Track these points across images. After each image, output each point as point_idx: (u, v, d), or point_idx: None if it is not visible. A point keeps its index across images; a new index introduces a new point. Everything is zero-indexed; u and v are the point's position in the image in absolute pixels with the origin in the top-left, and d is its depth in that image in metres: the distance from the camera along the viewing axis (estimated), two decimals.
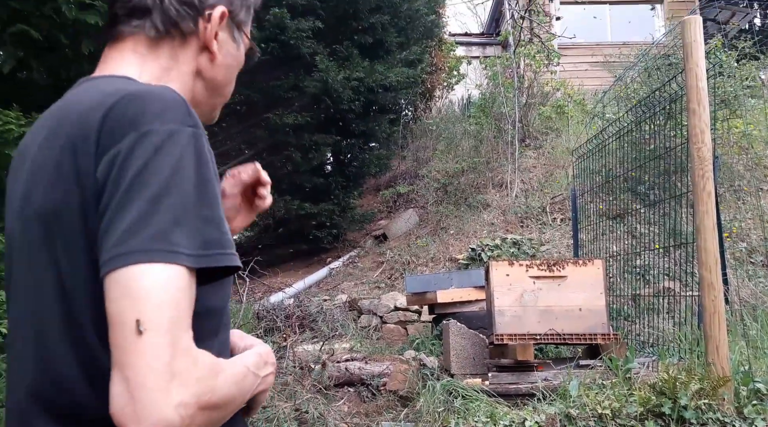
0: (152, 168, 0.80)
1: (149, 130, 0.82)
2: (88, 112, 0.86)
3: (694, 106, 3.43)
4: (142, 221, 0.78)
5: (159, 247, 0.77)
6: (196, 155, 0.84)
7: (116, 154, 0.81)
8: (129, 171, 0.80)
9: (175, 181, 0.80)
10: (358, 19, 8.61)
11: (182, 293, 0.78)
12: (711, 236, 3.33)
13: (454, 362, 4.69)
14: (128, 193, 0.79)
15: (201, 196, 0.83)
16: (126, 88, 0.88)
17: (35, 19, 2.63)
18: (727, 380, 3.15)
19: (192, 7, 1.02)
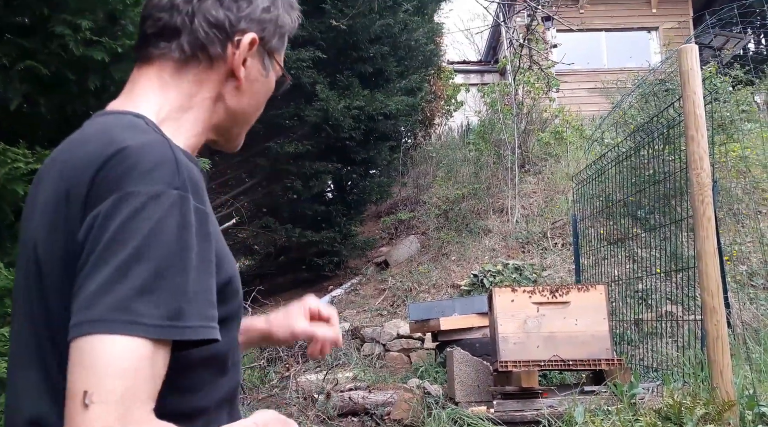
0: (127, 231, 0.78)
1: (131, 192, 0.80)
2: (86, 162, 0.86)
3: (693, 132, 3.48)
4: (106, 289, 0.76)
5: (117, 317, 0.74)
6: (178, 219, 0.81)
7: (96, 215, 0.80)
8: (105, 233, 0.78)
9: (149, 247, 0.78)
10: (358, 50, 8.72)
11: (141, 363, 0.75)
12: (712, 261, 3.36)
13: (458, 390, 4.68)
14: (100, 256, 0.78)
15: (177, 262, 0.79)
16: (125, 140, 0.86)
17: (42, 56, 2.68)
18: (732, 404, 3.15)
19: (222, 30, 1.00)
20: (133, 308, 0.75)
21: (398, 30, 9.19)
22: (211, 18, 1.00)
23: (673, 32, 14.30)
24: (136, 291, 0.76)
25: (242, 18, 1.02)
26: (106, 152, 0.85)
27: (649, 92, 8.13)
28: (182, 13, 0.99)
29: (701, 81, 3.59)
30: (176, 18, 0.99)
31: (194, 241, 0.82)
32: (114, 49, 2.57)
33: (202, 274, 0.83)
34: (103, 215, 0.80)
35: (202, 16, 0.99)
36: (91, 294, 0.76)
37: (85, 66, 2.68)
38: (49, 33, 2.58)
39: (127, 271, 0.76)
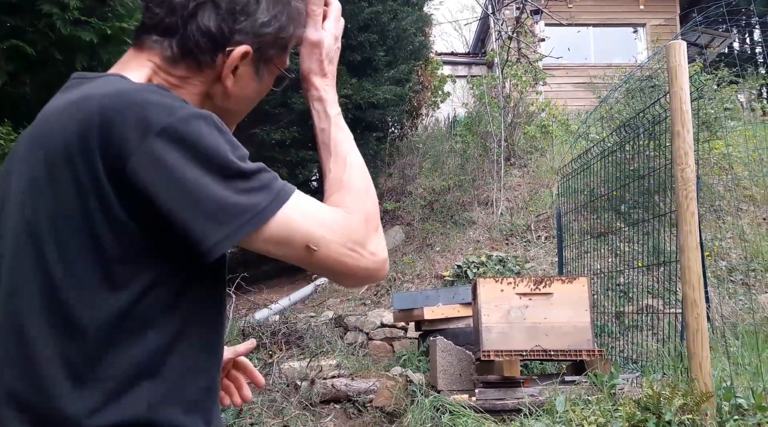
0: (194, 162, 0.87)
1: (165, 126, 0.86)
2: (87, 115, 0.87)
3: (678, 128, 3.51)
4: (227, 200, 0.88)
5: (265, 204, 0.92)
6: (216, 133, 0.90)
7: (142, 162, 0.85)
8: (176, 173, 0.86)
9: (218, 160, 0.88)
10: (347, 37, 8.68)
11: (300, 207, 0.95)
12: (694, 255, 3.41)
13: (440, 379, 4.71)
14: (188, 192, 0.86)
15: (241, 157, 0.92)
16: (119, 88, 0.91)
17: (30, 34, 2.65)
18: (710, 395, 3.20)
19: (213, 40, 1.00)
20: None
21: (387, 19, 9.16)
22: (204, 27, 0.99)
23: (660, 29, 14.40)
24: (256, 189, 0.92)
25: (237, 31, 1.01)
26: (106, 102, 0.88)
27: (636, 88, 8.18)
28: (177, 15, 0.99)
29: (688, 77, 3.62)
30: (171, 18, 1.00)
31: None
32: (103, 31, 2.55)
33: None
34: (153, 157, 0.85)
35: (196, 24, 0.99)
36: (217, 210, 0.88)
37: (73, 46, 2.65)
38: (36, 11, 2.55)
39: (226, 184, 0.89)
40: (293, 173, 8.74)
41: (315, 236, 0.93)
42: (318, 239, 0.93)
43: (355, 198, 1.02)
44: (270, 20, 1.03)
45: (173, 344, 0.91)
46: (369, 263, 0.97)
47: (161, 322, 0.90)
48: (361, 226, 0.98)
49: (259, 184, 0.91)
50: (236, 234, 0.88)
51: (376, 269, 0.99)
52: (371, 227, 1.00)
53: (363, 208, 1.00)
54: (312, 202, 0.96)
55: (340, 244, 0.95)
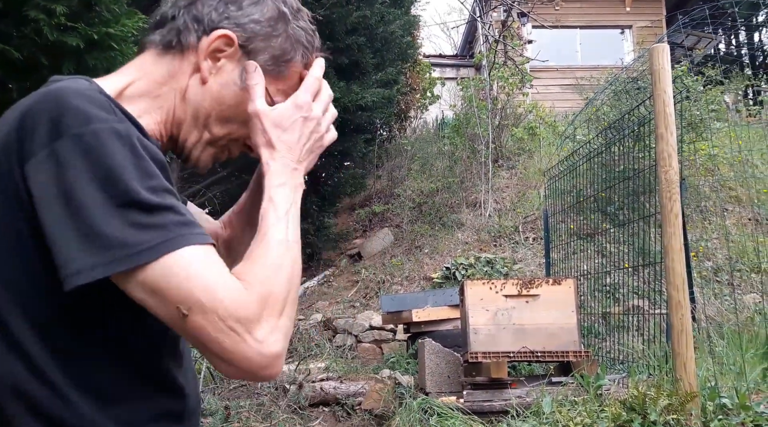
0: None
1: (75, 133, 0.81)
2: (17, 115, 0.87)
3: (662, 130, 3.55)
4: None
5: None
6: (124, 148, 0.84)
7: (44, 163, 0.81)
8: (62, 180, 0.81)
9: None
10: (335, 40, 8.70)
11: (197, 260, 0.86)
12: (678, 257, 3.44)
13: (429, 381, 4.73)
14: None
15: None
16: (54, 89, 0.86)
17: (16, 40, 2.64)
18: (695, 395, 3.24)
19: (200, 23, 1.02)
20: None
21: (375, 21, 9.17)
22: (196, 12, 1.03)
23: (646, 31, 14.50)
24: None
25: (225, 18, 1.03)
26: (28, 101, 0.88)
27: (622, 90, 8.24)
28: (177, 7, 1.04)
29: (671, 80, 3.66)
30: (171, 11, 1.04)
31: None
32: (90, 36, 2.54)
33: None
34: (51, 165, 0.82)
35: (188, 11, 1.04)
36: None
37: (60, 52, 2.65)
38: (23, 17, 2.54)
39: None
40: None
41: (191, 299, 0.80)
42: (192, 303, 0.80)
43: (261, 273, 0.89)
44: (261, 20, 1.04)
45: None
46: (251, 352, 0.83)
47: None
48: (253, 304, 0.84)
49: (156, 223, 0.81)
50: (104, 268, 0.79)
51: (260, 362, 0.83)
52: (269, 311, 0.86)
53: (265, 286, 0.87)
54: (209, 264, 0.84)
55: (219, 317, 0.81)
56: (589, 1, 14.80)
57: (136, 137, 0.85)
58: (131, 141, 0.84)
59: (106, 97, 0.88)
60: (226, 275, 0.85)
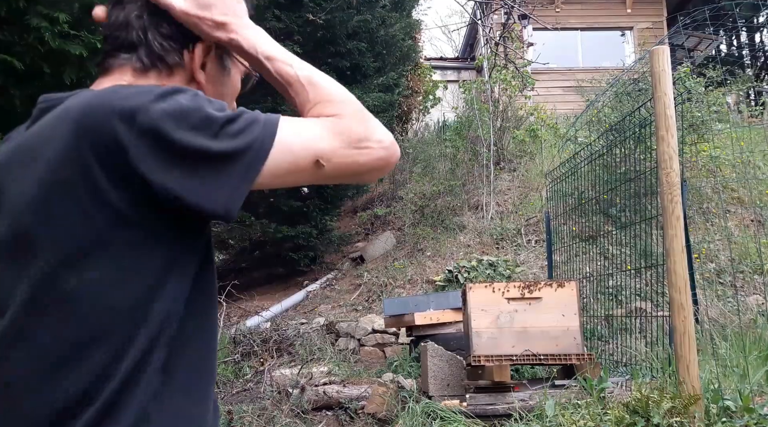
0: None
1: (163, 97, 0.89)
2: (61, 117, 0.91)
3: (663, 133, 3.55)
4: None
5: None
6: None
7: (143, 146, 0.86)
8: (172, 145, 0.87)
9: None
10: (336, 44, 8.72)
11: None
12: (680, 259, 3.44)
13: (432, 384, 4.73)
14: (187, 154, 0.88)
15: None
16: (93, 93, 0.93)
17: (18, 48, 2.65)
18: (698, 398, 3.23)
19: (176, 41, 1.05)
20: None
21: (376, 25, 9.19)
22: (164, 31, 1.05)
23: (647, 32, 14.49)
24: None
25: None
26: (80, 103, 0.91)
27: (623, 92, 8.25)
28: (136, 28, 1.04)
29: (672, 82, 3.66)
30: (131, 34, 1.04)
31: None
32: (92, 44, 2.56)
33: None
34: (149, 144, 0.87)
35: (155, 30, 1.04)
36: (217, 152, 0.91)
37: (62, 59, 2.66)
38: (25, 25, 2.55)
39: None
40: None
41: (319, 150, 0.96)
42: (323, 152, 0.96)
43: (334, 102, 1.04)
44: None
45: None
46: (381, 153, 1.01)
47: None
48: (355, 123, 1.01)
49: (246, 123, 0.92)
50: (248, 174, 0.91)
51: (389, 155, 1.02)
52: (365, 119, 1.03)
53: (348, 106, 1.03)
54: (302, 121, 0.99)
55: (346, 146, 0.98)
56: (589, 2, 14.81)
57: (186, 87, 0.94)
58: (186, 89, 0.93)
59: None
60: (317, 121, 1.00)
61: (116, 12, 1.05)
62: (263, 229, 8.79)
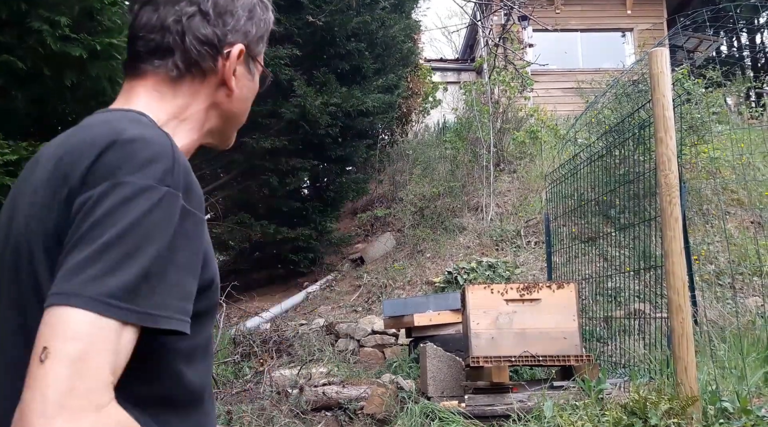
0: (112, 217, 0.83)
1: (124, 182, 0.85)
2: (89, 144, 0.89)
3: (661, 134, 3.56)
4: (84, 266, 0.80)
5: (89, 293, 0.79)
6: (162, 215, 0.85)
7: (88, 198, 0.84)
8: (92, 216, 0.83)
9: (130, 234, 0.82)
10: (335, 46, 8.73)
11: (103, 335, 0.79)
12: (678, 260, 3.44)
13: (431, 385, 4.74)
14: (84, 237, 0.82)
15: (154, 253, 0.84)
16: (127, 131, 0.90)
17: (19, 50, 2.66)
18: (696, 399, 3.24)
19: (212, 47, 1.07)
20: (101, 287, 0.79)
21: (375, 27, 9.20)
22: (201, 36, 1.06)
23: (647, 34, 14.50)
24: (107, 272, 0.80)
25: (229, 31, 1.08)
26: (107, 140, 0.89)
27: (623, 93, 8.26)
28: (173, 33, 1.05)
29: (671, 84, 3.67)
30: (168, 38, 1.05)
31: (173, 237, 0.86)
32: (92, 46, 2.57)
33: (177, 268, 0.87)
34: (94, 198, 0.84)
35: (192, 35, 1.05)
36: (71, 269, 0.81)
37: (63, 62, 2.67)
38: (26, 28, 2.57)
39: (106, 253, 0.81)
40: (283, 181, 8.77)
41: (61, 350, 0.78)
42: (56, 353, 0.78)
43: None
44: (251, 14, 1.12)
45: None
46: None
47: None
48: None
49: (126, 281, 0.81)
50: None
51: None
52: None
53: None
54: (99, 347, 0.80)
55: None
56: (590, 4, 14.82)
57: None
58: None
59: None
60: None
61: (147, 13, 1.06)
62: (263, 230, 8.80)
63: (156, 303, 0.83)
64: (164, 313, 0.84)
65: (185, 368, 0.96)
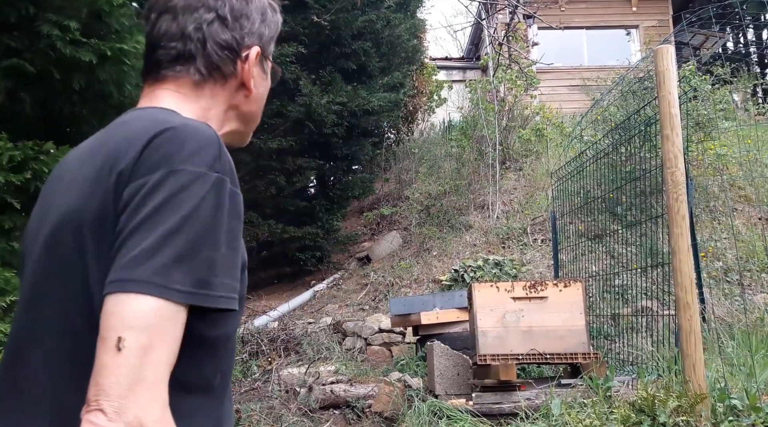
0: (172, 205, 0.87)
1: (179, 170, 0.90)
2: (134, 135, 0.94)
3: (668, 132, 3.56)
4: (150, 253, 0.84)
5: (157, 281, 0.84)
6: (215, 201, 0.91)
7: (144, 184, 0.89)
8: (151, 202, 0.87)
9: (189, 222, 0.87)
10: (341, 45, 8.74)
11: (168, 324, 0.85)
12: (686, 258, 3.44)
13: (438, 383, 4.75)
14: (145, 222, 0.86)
15: (210, 238, 0.89)
16: (171, 121, 0.96)
17: (28, 54, 2.68)
18: (704, 397, 3.24)
19: (232, 50, 1.11)
20: (170, 275, 0.85)
21: (381, 26, 9.21)
22: (221, 41, 1.11)
23: (653, 31, 14.46)
24: (175, 260, 0.86)
25: (245, 35, 1.13)
26: (154, 129, 0.94)
27: (628, 90, 8.24)
28: (194, 40, 1.09)
29: (677, 81, 3.67)
30: (189, 45, 1.10)
31: (226, 220, 0.93)
32: (102, 51, 2.59)
33: (230, 250, 0.93)
34: (150, 184, 0.89)
35: (213, 41, 1.10)
36: (136, 256, 0.85)
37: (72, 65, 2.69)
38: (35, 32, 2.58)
39: (170, 240, 0.86)
40: (290, 181, 8.79)
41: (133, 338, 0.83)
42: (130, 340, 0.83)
43: None
44: (263, 16, 1.16)
45: None
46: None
47: None
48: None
49: (188, 271, 0.86)
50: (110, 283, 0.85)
51: None
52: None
53: None
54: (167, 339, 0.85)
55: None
56: (594, 1, 14.79)
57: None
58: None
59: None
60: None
61: (166, 22, 1.10)
62: (270, 229, 8.82)
63: (214, 284, 0.89)
64: (225, 293, 0.91)
65: (205, 357, 0.98)
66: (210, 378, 1.00)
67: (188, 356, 0.92)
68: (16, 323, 1.02)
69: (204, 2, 1.10)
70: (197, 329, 0.92)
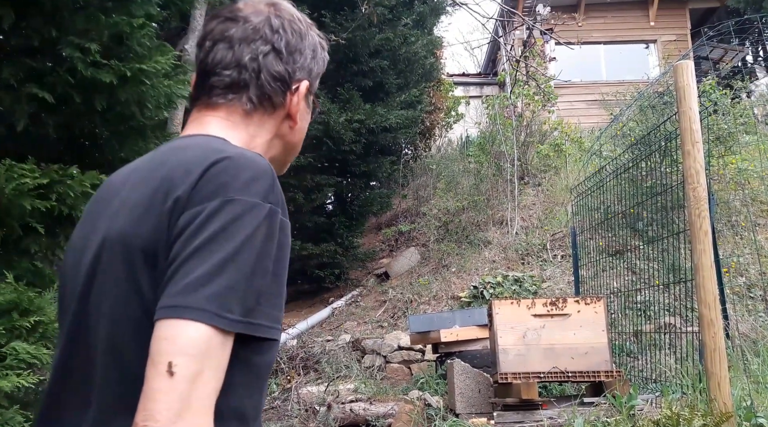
0: (227, 234, 0.90)
1: (234, 199, 0.92)
2: (190, 163, 0.97)
3: (689, 147, 3.53)
4: (205, 281, 0.87)
5: (211, 309, 0.86)
6: (266, 231, 0.93)
7: (200, 212, 0.91)
8: (206, 231, 0.90)
9: (242, 251, 0.90)
10: (358, 63, 8.80)
11: (217, 351, 0.86)
12: (709, 274, 3.40)
13: (459, 402, 4.71)
14: (200, 250, 0.89)
15: (260, 268, 0.92)
16: (227, 151, 0.99)
17: (50, 77, 2.72)
18: (730, 416, 3.18)
19: (284, 83, 1.15)
20: (223, 303, 0.87)
21: (398, 43, 9.26)
22: (275, 72, 1.14)
23: (671, 45, 14.40)
24: (227, 288, 0.88)
25: (297, 69, 1.17)
26: (211, 158, 0.97)
27: (648, 105, 8.20)
28: (249, 70, 1.13)
29: (697, 97, 3.64)
30: (244, 74, 1.13)
31: (275, 251, 0.95)
32: (123, 72, 2.62)
33: (276, 280, 0.97)
34: (207, 213, 0.91)
35: (267, 71, 1.13)
36: (191, 283, 0.87)
37: (93, 87, 2.72)
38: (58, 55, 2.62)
39: (224, 269, 0.88)
40: (308, 198, 8.83)
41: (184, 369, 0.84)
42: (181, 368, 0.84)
43: None
44: (314, 53, 1.20)
45: None
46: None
47: None
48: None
49: (234, 300, 0.88)
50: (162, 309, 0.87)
51: None
52: None
53: None
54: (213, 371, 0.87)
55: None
56: (612, 16, 14.77)
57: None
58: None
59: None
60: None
61: (221, 51, 1.13)
62: None
63: (264, 313, 0.93)
64: (269, 323, 0.94)
65: (255, 381, 0.99)
66: (251, 406, 1.01)
67: (236, 384, 0.94)
68: (63, 337, 1.04)
69: (262, 35, 1.13)
70: (241, 356, 0.94)
